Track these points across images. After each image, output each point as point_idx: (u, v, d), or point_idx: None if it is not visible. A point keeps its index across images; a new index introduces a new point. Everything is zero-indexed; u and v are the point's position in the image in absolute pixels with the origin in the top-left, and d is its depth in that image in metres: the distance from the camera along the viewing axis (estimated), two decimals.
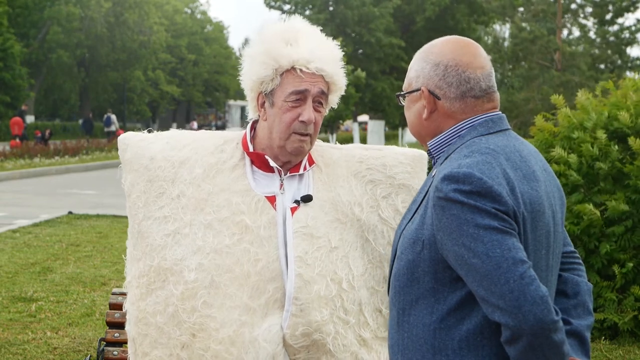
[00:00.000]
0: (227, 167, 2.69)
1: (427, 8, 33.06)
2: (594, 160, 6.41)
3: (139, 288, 2.70)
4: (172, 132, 2.84)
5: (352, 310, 2.66)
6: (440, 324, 2.01)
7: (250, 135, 2.74)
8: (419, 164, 2.84)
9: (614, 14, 38.17)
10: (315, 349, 2.61)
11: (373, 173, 2.78)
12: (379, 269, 2.74)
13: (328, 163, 2.77)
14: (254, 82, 2.66)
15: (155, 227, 2.67)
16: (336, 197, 2.71)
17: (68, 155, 29.03)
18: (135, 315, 2.70)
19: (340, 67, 2.70)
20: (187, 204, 2.66)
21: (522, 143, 2.14)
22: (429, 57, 2.15)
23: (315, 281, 2.59)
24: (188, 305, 2.59)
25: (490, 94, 2.14)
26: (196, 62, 65.18)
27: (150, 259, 2.67)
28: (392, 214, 2.76)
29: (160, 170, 2.71)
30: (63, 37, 47.31)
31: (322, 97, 2.65)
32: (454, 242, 1.95)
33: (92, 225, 12.48)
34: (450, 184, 1.96)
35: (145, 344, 2.67)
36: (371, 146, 2.89)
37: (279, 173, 2.68)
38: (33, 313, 7.12)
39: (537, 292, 1.89)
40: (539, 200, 2.04)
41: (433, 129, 2.15)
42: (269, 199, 2.65)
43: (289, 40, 2.63)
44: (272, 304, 2.58)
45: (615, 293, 6.39)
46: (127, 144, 2.79)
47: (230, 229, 2.62)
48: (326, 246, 2.64)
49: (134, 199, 2.73)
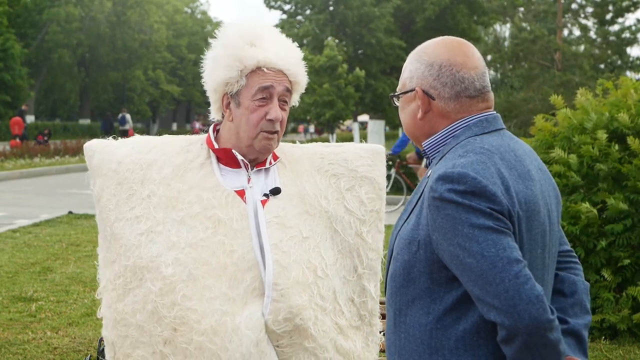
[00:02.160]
0: (194, 166, 2.74)
1: (427, 8, 33.04)
2: (593, 161, 6.42)
3: (115, 290, 2.70)
4: (137, 138, 2.88)
5: (328, 297, 2.70)
6: (437, 324, 2.01)
7: (213, 135, 2.79)
8: (378, 157, 2.92)
9: (615, 14, 38.14)
10: (297, 334, 2.63)
11: (335, 167, 2.85)
12: (349, 258, 2.79)
13: (291, 160, 2.83)
14: (219, 84, 2.71)
15: (128, 228, 2.69)
16: (303, 191, 2.77)
17: (68, 155, 29.04)
18: (113, 318, 2.71)
19: (303, 68, 2.77)
20: (159, 202, 2.69)
21: (517, 142, 2.14)
22: (423, 57, 2.16)
23: (292, 268, 2.62)
24: (167, 300, 2.60)
25: (485, 94, 2.14)
26: (196, 61, 65.12)
27: (125, 259, 2.68)
28: (357, 205, 2.82)
29: (129, 172, 2.74)
30: (62, 37, 47.31)
31: (287, 95, 2.72)
32: (449, 242, 1.95)
33: (92, 225, 12.47)
34: (444, 184, 1.97)
35: (126, 345, 2.68)
36: (330, 144, 2.96)
37: (246, 167, 2.72)
38: (33, 313, 7.12)
39: (532, 291, 1.89)
40: (534, 199, 2.04)
41: (427, 129, 2.16)
42: (238, 193, 2.70)
43: (253, 42, 2.68)
44: (250, 293, 2.61)
45: (612, 293, 6.39)
46: (94, 150, 2.83)
47: (203, 223, 2.65)
48: (298, 236, 2.68)
49: (104, 203, 2.76)
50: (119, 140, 2.87)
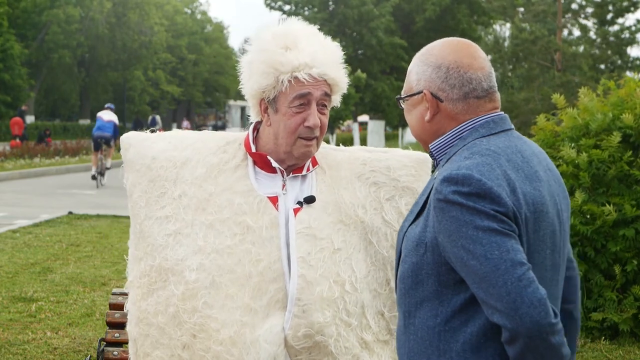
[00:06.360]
0: (229, 167, 2.68)
1: (428, 8, 33.04)
2: (601, 162, 6.40)
3: (140, 288, 2.69)
4: (175, 132, 2.82)
5: (355, 312, 2.64)
6: (445, 326, 2.00)
7: (252, 136, 2.72)
8: (423, 167, 2.81)
9: (614, 14, 38.15)
10: (317, 351, 2.59)
11: (377, 175, 2.76)
12: (382, 271, 2.72)
13: (331, 165, 2.75)
14: (255, 90, 2.62)
15: (157, 227, 2.66)
16: (339, 199, 2.69)
17: (68, 155, 29.03)
18: (136, 316, 2.69)
19: (342, 69, 2.66)
20: (189, 204, 2.65)
21: (524, 143, 2.13)
22: (429, 59, 2.14)
23: (317, 282, 2.57)
24: (189, 306, 2.58)
25: (492, 94, 2.13)
26: (196, 62, 65.19)
27: (152, 258, 2.65)
28: (395, 216, 2.74)
29: (162, 170, 2.69)
30: (62, 38, 47.31)
31: (326, 100, 2.62)
32: (454, 244, 1.94)
33: (92, 225, 12.48)
34: (449, 186, 1.96)
35: (146, 344, 2.66)
36: (375, 149, 2.87)
37: (282, 174, 2.66)
38: (33, 313, 7.12)
39: (534, 294, 1.88)
40: (542, 200, 2.03)
41: (435, 131, 2.14)
42: (271, 199, 2.63)
43: (288, 45, 2.58)
44: (273, 305, 2.57)
45: (616, 293, 6.39)
46: (130, 144, 2.77)
47: (231, 229, 2.60)
48: (329, 247, 2.62)
49: (135, 199, 2.72)
50: (157, 134, 2.81)
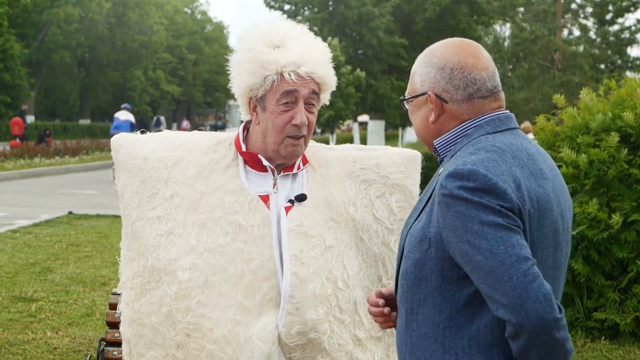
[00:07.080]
0: (220, 167, 2.68)
1: (428, 8, 33.01)
2: (601, 163, 6.39)
3: (133, 289, 2.69)
4: (166, 133, 2.83)
5: (347, 309, 2.65)
6: (450, 322, 2.00)
7: (242, 135, 2.73)
8: (412, 164, 2.83)
9: (614, 14, 38.17)
10: (310, 348, 2.60)
11: (367, 173, 2.77)
12: (373, 268, 2.73)
13: (321, 163, 2.76)
14: (244, 89, 2.64)
15: (149, 228, 2.66)
16: (330, 197, 2.70)
17: (68, 155, 29.03)
18: (129, 316, 2.70)
19: (331, 67, 2.67)
20: (181, 204, 2.65)
21: (529, 142, 2.13)
22: (433, 60, 2.14)
23: (310, 280, 2.58)
24: (182, 305, 2.58)
25: (496, 94, 2.13)
26: (196, 62, 65.21)
27: (144, 259, 2.66)
28: (386, 213, 2.75)
29: (153, 170, 2.70)
30: (62, 38, 47.33)
31: (314, 98, 2.63)
32: (459, 239, 1.94)
33: (92, 225, 12.48)
34: (454, 181, 1.95)
35: (140, 344, 2.67)
36: (366, 147, 2.88)
37: (272, 172, 2.67)
38: (33, 313, 7.11)
39: (540, 289, 1.88)
40: (546, 197, 2.03)
41: (439, 131, 2.14)
42: (263, 198, 2.64)
43: (275, 44, 2.60)
44: (266, 303, 2.57)
45: (618, 293, 6.38)
46: (121, 145, 2.78)
47: (223, 228, 2.61)
48: (321, 245, 2.63)
49: (127, 200, 2.72)
50: (147, 134, 2.82)
